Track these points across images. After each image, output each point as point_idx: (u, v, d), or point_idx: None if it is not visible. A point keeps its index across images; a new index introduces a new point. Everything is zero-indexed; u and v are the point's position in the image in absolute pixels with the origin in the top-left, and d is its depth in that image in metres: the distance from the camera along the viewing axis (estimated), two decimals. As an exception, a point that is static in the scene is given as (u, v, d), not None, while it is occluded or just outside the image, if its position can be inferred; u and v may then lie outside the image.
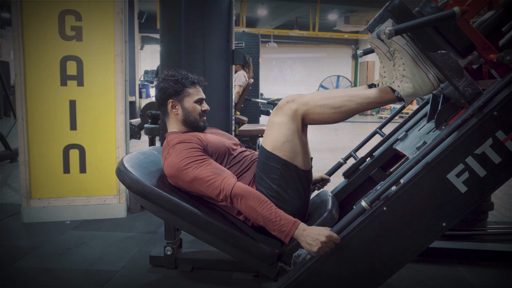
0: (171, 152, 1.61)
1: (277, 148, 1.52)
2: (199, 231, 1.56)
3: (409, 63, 1.41)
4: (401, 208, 1.31)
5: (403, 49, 1.40)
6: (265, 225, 1.45)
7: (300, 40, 14.58)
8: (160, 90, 1.77)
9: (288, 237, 1.42)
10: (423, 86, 1.42)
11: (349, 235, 1.34)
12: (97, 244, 2.49)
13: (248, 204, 1.45)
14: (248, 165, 1.69)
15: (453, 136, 1.29)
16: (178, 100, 1.75)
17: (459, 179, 1.29)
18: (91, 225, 2.83)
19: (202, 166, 1.53)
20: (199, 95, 1.78)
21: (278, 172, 1.54)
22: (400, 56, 1.42)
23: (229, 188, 1.48)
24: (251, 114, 5.90)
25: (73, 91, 2.87)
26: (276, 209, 1.45)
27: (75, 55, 2.85)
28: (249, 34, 6.10)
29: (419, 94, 1.43)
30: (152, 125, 3.94)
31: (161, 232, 2.68)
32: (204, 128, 1.80)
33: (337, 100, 1.50)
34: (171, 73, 1.78)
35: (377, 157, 2.09)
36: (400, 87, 1.43)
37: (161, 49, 2.22)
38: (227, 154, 1.69)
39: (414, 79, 1.41)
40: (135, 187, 1.54)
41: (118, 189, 2.99)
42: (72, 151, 2.90)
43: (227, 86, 2.23)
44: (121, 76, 2.91)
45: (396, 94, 1.45)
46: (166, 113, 1.78)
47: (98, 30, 2.86)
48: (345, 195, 2.08)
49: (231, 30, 2.24)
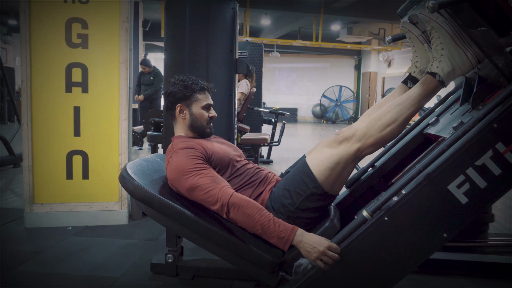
0: (174, 157, 1.61)
1: (318, 170, 1.53)
2: (200, 238, 1.56)
3: (447, 42, 1.40)
4: (402, 218, 1.32)
5: (442, 27, 1.39)
6: (263, 233, 1.45)
7: (303, 50, 14.64)
8: (169, 94, 1.77)
9: (287, 244, 1.42)
10: (461, 64, 1.41)
11: (350, 245, 1.34)
12: (98, 251, 2.49)
13: (245, 213, 1.44)
14: (250, 179, 1.68)
15: (454, 147, 1.30)
16: (186, 105, 1.75)
17: (460, 190, 1.29)
18: (92, 231, 2.83)
19: (201, 175, 1.53)
20: (207, 101, 1.78)
21: (306, 191, 1.54)
22: (438, 35, 1.40)
23: (226, 197, 1.47)
24: (253, 123, 5.92)
25: (78, 98, 2.89)
26: (274, 217, 1.45)
27: (80, 62, 2.87)
28: (252, 43, 6.14)
29: (457, 73, 1.42)
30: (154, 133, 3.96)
31: (162, 240, 2.67)
32: (210, 134, 1.80)
33: (389, 115, 1.50)
34: (181, 78, 1.78)
35: (379, 167, 2.09)
36: (439, 68, 1.42)
37: (165, 57, 2.24)
38: (230, 166, 1.69)
39: (453, 58, 1.41)
40: (137, 193, 1.55)
41: (120, 195, 2.99)
42: (76, 157, 2.92)
43: (230, 94, 2.24)
44: (125, 83, 2.94)
45: (437, 79, 1.44)
46: (174, 117, 1.79)
47: (103, 38, 2.89)
48: (347, 205, 2.08)
49: (234, 39, 2.25)
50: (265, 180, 1.69)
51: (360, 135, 1.52)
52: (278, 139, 5.60)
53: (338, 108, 15.55)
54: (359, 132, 1.52)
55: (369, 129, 1.52)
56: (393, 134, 1.53)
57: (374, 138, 1.51)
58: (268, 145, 5.54)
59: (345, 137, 1.53)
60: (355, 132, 1.53)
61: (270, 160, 5.88)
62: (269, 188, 1.65)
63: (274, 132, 5.77)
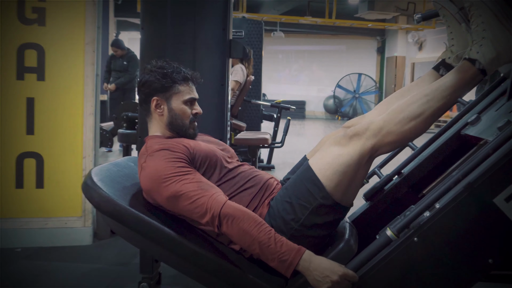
0: (149, 161, 1.60)
1: (325, 175, 1.52)
2: (183, 263, 1.56)
3: (490, 21, 1.40)
4: (436, 239, 1.31)
5: (483, 3, 1.39)
6: (261, 254, 1.44)
7: (313, 30, 14.67)
8: (144, 84, 1.76)
9: (290, 269, 1.40)
10: (508, 49, 1.41)
11: (369, 273, 1.34)
12: (54, 279, 2.48)
13: (240, 227, 1.43)
14: (246, 184, 1.68)
15: (501, 151, 1.30)
16: (165, 98, 1.74)
17: (509, 204, 1.29)
18: (48, 254, 2.82)
19: (185, 180, 1.52)
20: (191, 94, 1.77)
21: (313, 203, 1.53)
22: (479, 13, 1.41)
23: (218, 207, 1.46)
24: (250, 119, 5.92)
25: (32, 87, 2.88)
26: (276, 234, 1.44)
27: (36, 42, 2.87)
28: (250, 20, 6.15)
29: (503, 60, 1.43)
30: (127, 131, 3.95)
31: (135, 264, 2.66)
32: (194, 136, 1.79)
33: (414, 107, 1.50)
34: (160, 64, 1.77)
35: (407, 175, 2.09)
36: (480, 53, 1.42)
37: (142, 37, 2.24)
38: (218, 167, 1.68)
39: (497, 41, 1.41)
40: (105, 207, 1.54)
41: (84, 209, 2.98)
42: (28, 161, 2.90)
43: (222, 84, 2.25)
44: (91, 69, 2.93)
45: (477, 66, 1.44)
46: (149, 112, 1.78)
47: (65, 13, 2.88)
48: (366, 222, 2.08)
49: (228, 16, 2.25)
50: (265, 187, 1.68)
51: (376, 130, 1.51)
52: (281, 140, 5.61)
53: (356, 101, 15.60)
54: (375, 126, 1.52)
55: (387, 122, 1.51)
56: (417, 131, 1.53)
57: (393, 135, 1.51)
58: (269, 146, 5.54)
59: (356, 132, 1.52)
60: (369, 125, 1.52)
61: (271, 166, 5.89)
62: (269, 200, 1.64)
63: (276, 131, 5.78)
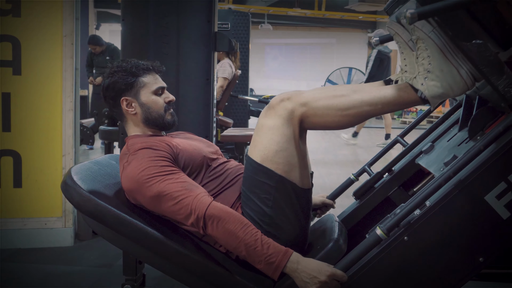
0: (132, 160, 1.60)
1: (268, 159, 1.52)
2: (168, 264, 1.56)
3: (436, 56, 1.41)
4: (426, 238, 1.33)
5: (429, 38, 1.41)
6: (248, 257, 1.45)
7: (302, 22, 14.68)
8: (107, 87, 1.77)
9: (277, 272, 1.41)
10: (453, 85, 1.43)
11: (359, 273, 1.35)
12: (33, 281, 2.47)
13: (226, 229, 1.44)
14: (232, 180, 1.68)
15: (493, 147, 1.31)
16: (132, 95, 1.75)
17: (500, 202, 1.30)
18: (26, 256, 2.80)
19: (169, 180, 1.53)
20: (157, 83, 1.79)
21: (272, 191, 1.53)
22: (425, 47, 1.42)
23: (203, 208, 1.47)
24: (237, 115, 5.92)
25: (7, 81, 2.86)
26: (263, 236, 1.45)
27: (11, 34, 2.85)
28: (236, 12, 6.13)
29: (448, 95, 1.44)
30: (109, 127, 3.92)
31: (118, 266, 2.65)
32: (174, 123, 1.80)
33: (345, 100, 1.51)
34: (117, 64, 1.79)
35: (397, 172, 2.10)
36: (424, 86, 1.43)
37: (123, 30, 2.23)
38: (204, 166, 1.69)
39: (443, 76, 1.42)
40: (85, 206, 1.53)
41: (64, 209, 2.97)
42: (5, 159, 2.89)
43: (207, 78, 2.24)
44: (70, 62, 2.92)
45: (419, 95, 1.46)
46: (122, 115, 1.79)
47: (41, 3, 2.86)
48: (356, 221, 2.10)
49: (213, 7, 2.25)
50: None
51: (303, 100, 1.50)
52: (269, 136, 5.61)
53: (346, 97, 15.62)
54: (306, 94, 1.52)
55: (317, 99, 1.51)
56: (337, 123, 1.53)
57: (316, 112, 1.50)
58: (257, 143, 5.55)
59: (286, 96, 1.52)
60: (300, 93, 1.53)
61: (259, 163, 5.89)
62: None
63: (264, 127, 5.77)
